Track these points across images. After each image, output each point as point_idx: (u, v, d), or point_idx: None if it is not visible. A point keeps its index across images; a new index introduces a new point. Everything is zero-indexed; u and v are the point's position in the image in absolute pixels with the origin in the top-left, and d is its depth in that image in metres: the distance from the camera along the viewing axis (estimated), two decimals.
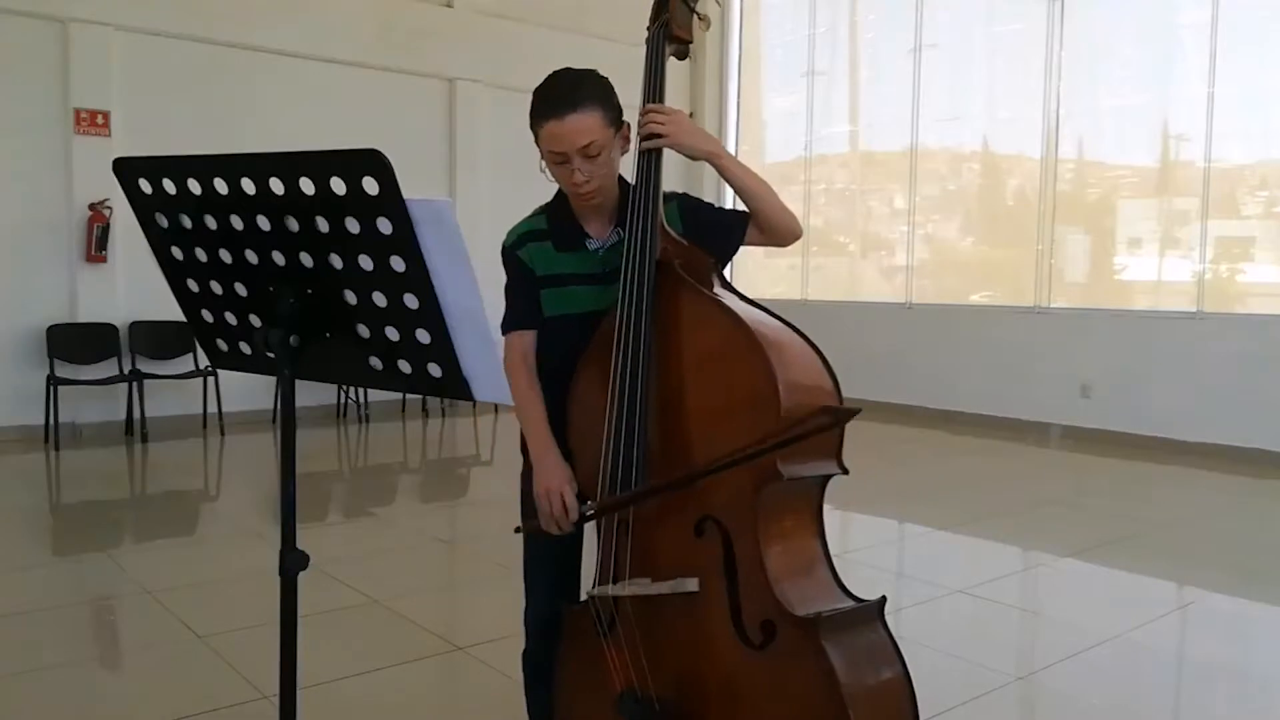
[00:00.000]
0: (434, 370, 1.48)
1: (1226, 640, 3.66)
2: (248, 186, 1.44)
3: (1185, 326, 7.24)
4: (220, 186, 1.47)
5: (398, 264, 1.40)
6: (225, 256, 1.56)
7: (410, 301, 1.42)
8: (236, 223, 1.50)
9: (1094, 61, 8.07)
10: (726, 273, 1.95)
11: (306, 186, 1.39)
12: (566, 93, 1.83)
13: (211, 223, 1.53)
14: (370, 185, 1.34)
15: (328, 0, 8.18)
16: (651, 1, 2.03)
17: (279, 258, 1.50)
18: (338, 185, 1.37)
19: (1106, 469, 6.80)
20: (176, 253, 1.62)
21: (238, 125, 7.65)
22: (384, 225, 1.37)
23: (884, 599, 1.76)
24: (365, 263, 1.43)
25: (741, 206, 2.01)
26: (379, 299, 1.45)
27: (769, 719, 1.69)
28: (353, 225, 1.40)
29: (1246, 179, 7.35)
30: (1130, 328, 7.53)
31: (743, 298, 1.85)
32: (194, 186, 1.50)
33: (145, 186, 1.56)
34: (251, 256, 1.53)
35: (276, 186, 1.41)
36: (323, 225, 1.43)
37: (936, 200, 9.18)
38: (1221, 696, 3.17)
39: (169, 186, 1.53)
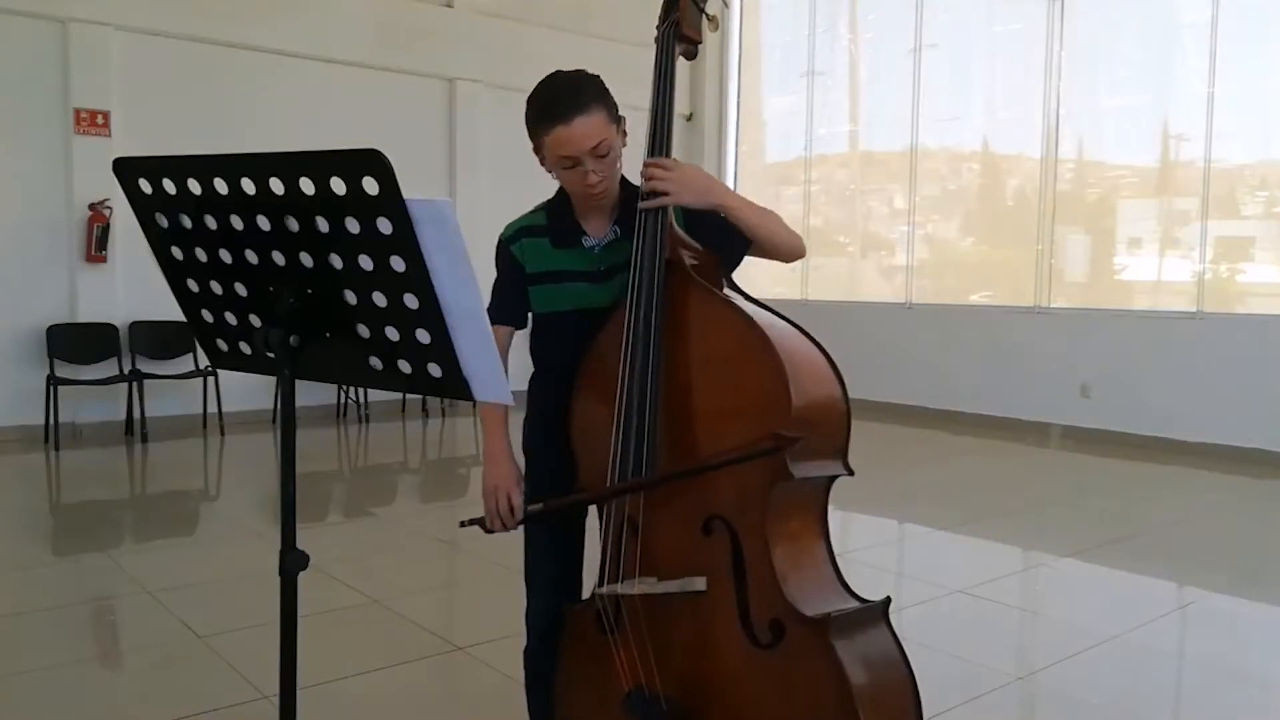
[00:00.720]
0: (434, 370, 1.48)
1: (1226, 640, 3.66)
2: (248, 186, 1.44)
3: (1185, 326, 7.24)
4: (220, 186, 1.47)
5: (398, 264, 1.40)
6: (225, 256, 1.56)
7: (410, 301, 1.42)
8: (236, 223, 1.50)
9: (1094, 61, 8.07)
10: None
11: (306, 186, 1.39)
12: (569, 96, 1.82)
13: (211, 223, 1.53)
14: (370, 185, 1.34)
15: (328, 0, 8.19)
16: (653, 1, 2.03)
17: (279, 258, 1.50)
18: (338, 185, 1.37)
19: (1106, 469, 6.80)
20: (176, 253, 1.62)
21: (238, 125, 7.66)
22: (384, 225, 1.37)
23: (889, 599, 1.77)
24: (365, 263, 1.43)
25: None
26: (379, 299, 1.45)
27: (777, 718, 1.69)
28: (353, 225, 1.40)
29: (1246, 179, 7.35)
30: (1130, 328, 7.53)
31: (749, 298, 1.85)
32: (194, 186, 1.50)
33: (145, 186, 1.56)
34: (251, 256, 1.52)
35: (276, 186, 1.41)
36: (323, 225, 1.42)
37: (936, 200, 9.18)
38: (1221, 696, 3.17)
39: (169, 186, 1.53)
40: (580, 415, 1.94)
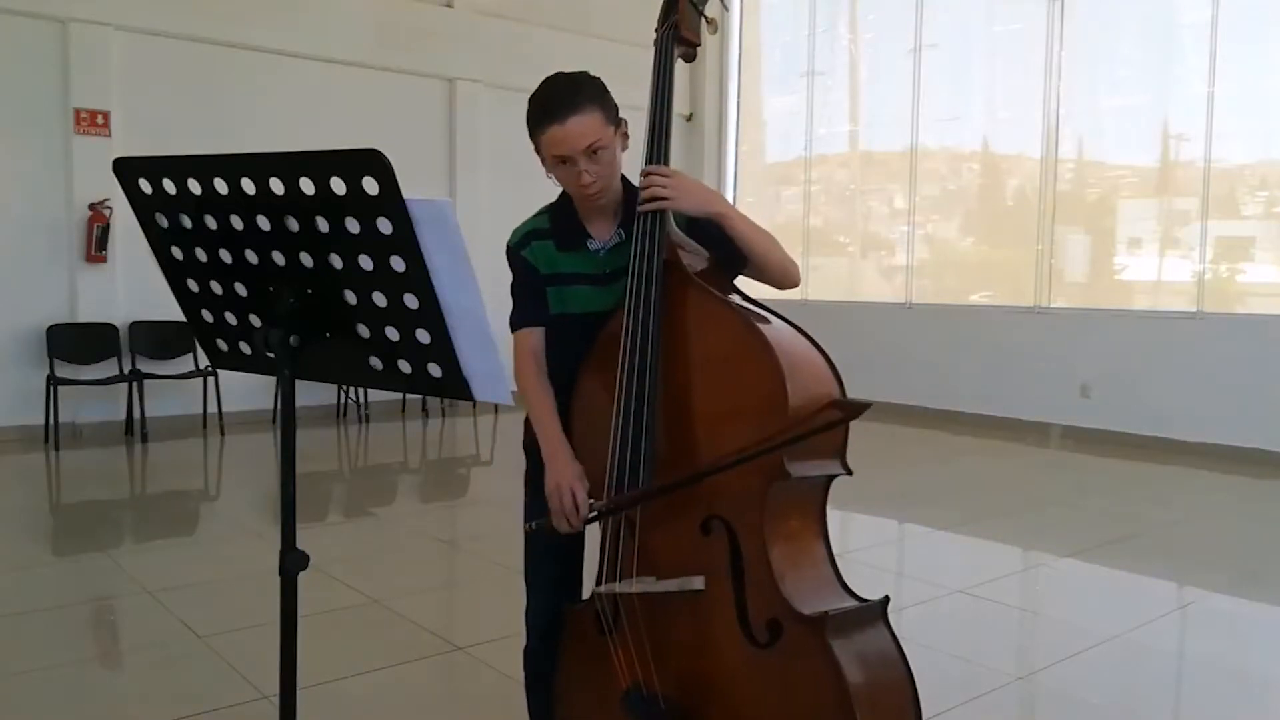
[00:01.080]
0: (434, 370, 1.48)
1: (1226, 640, 3.66)
2: (248, 186, 1.44)
3: (1185, 326, 7.24)
4: (220, 186, 1.47)
5: (398, 264, 1.40)
6: (225, 256, 1.56)
7: (410, 301, 1.43)
8: (236, 223, 1.50)
9: (1094, 61, 8.07)
10: None
11: (306, 186, 1.39)
12: (565, 96, 1.83)
13: (211, 223, 1.53)
14: (370, 185, 1.34)
15: (328, 0, 8.19)
16: (653, 1, 2.03)
17: (279, 258, 1.50)
18: (338, 185, 1.37)
19: (1106, 469, 6.79)
20: (176, 253, 1.62)
21: (238, 125, 7.66)
22: (384, 225, 1.37)
23: (887, 599, 1.77)
24: (365, 263, 1.43)
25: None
26: (379, 299, 1.45)
27: (774, 717, 1.69)
28: (353, 225, 1.40)
29: (1246, 179, 7.35)
30: (1130, 328, 7.53)
31: (748, 299, 1.85)
32: (194, 186, 1.50)
33: (145, 186, 1.56)
34: (251, 256, 1.53)
35: (276, 186, 1.41)
36: (323, 225, 1.43)
37: (936, 200, 9.18)
38: (1221, 696, 3.17)
39: (169, 186, 1.53)
40: (580, 416, 1.94)
